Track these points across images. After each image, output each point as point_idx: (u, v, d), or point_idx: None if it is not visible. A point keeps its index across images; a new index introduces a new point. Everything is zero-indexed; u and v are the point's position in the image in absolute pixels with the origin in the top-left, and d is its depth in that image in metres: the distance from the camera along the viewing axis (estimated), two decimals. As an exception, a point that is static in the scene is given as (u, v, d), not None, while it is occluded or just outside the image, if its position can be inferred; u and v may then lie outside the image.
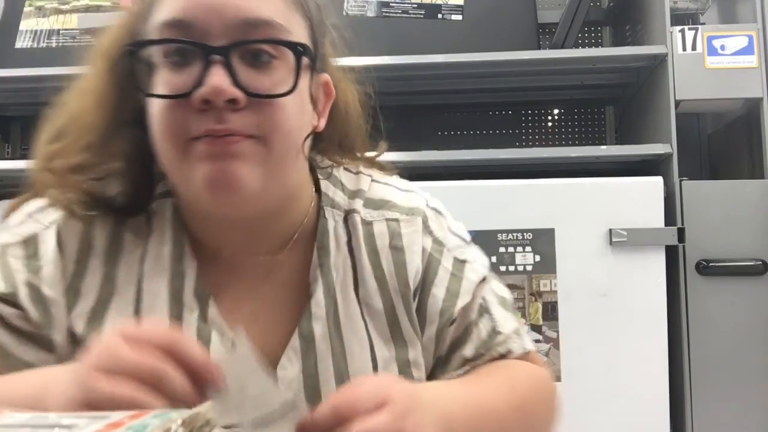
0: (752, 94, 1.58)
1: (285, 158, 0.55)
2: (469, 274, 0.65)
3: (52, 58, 1.94)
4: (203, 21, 0.51)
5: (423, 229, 0.65)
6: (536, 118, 2.19)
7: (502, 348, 0.64)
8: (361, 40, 0.84)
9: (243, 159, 0.51)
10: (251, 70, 0.52)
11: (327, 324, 0.59)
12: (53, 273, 0.56)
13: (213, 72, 0.50)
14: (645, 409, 1.47)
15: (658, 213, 1.51)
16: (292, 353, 0.57)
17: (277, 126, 0.53)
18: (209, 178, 0.51)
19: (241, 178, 0.51)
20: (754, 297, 1.50)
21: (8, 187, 1.88)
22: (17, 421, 0.36)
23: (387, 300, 0.61)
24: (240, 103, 0.51)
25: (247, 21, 0.52)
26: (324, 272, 0.60)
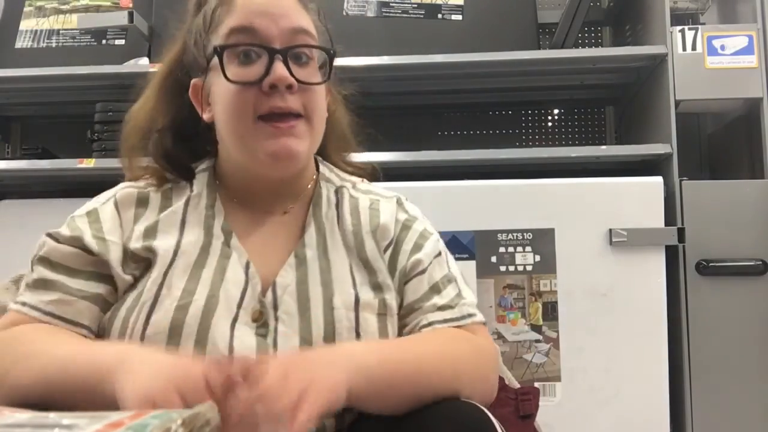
0: (752, 94, 1.58)
1: (319, 132, 0.77)
2: (430, 245, 0.81)
3: (52, 58, 1.94)
4: (266, 27, 0.72)
5: (398, 207, 0.84)
6: (536, 118, 2.20)
7: (466, 309, 0.78)
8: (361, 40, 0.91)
9: (297, 137, 0.73)
10: (296, 66, 0.73)
11: (317, 251, 0.77)
12: (111, 225, 0.75)
13: (276, 66, 0.71)
14: (645, 409, 1.47)
15: (658, 213, 1.51)
16: (289, 267, 0.75)
17: (315, 106, 0.74)
18: (277, 152, 0.72)
19: (297, 151, 0.73)
20: (754, 297, 1.50)
21: (8, 186, 1.88)
22: (18, 421, 0.36)
23: (359, 238, 0.79)
24: (294, 88, 0.72)
25: (295, 29, 0.73)
26: (316, 219, 0.79)
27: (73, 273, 0.73)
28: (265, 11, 0.73)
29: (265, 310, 0.71)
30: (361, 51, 1.70)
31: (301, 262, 0.75)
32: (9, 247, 1.65)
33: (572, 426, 1.48)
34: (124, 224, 0.76)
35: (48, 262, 0.73)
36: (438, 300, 0.77)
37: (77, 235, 0.73)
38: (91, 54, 1.98)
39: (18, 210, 1.65)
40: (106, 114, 1.73)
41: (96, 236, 0.74)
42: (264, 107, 0.71)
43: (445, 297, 0.77)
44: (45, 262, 0.73)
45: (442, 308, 0.77)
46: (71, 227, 0.75)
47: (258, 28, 0.72)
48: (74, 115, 1.97)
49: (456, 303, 0.78)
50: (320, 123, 0.76)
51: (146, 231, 0.75)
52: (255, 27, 0.72)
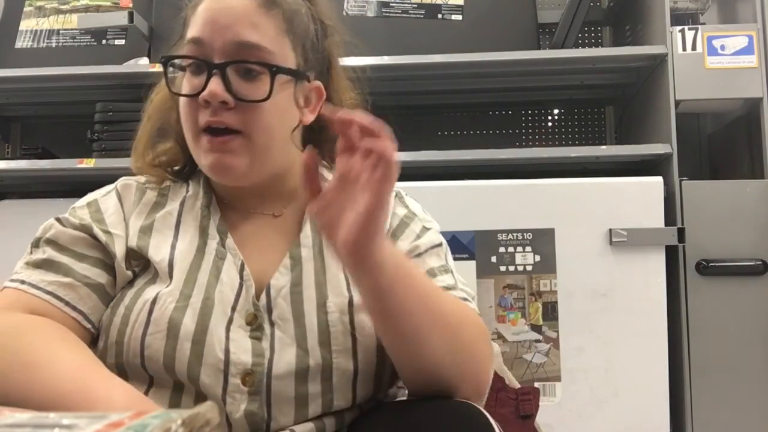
0: (752, 94, 1.58)
1: (268, 147, 0.73)
2: (430, 236, 0.80)
3: (52, 58, 1.94)
4: (210, 40, 0.71)
5: (397, 200, 0.82)
6: (536, 118, 2.20)
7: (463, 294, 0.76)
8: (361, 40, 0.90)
9: (232, 153, 0.71)
10: (243, 81, 0.70)
11: (312, 250, 0.76)
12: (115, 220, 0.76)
13: (212, 81, 0.69)
14: (645, 409, 1.47)
15: (658, 213, 1.51)
16: (284, 268, 0.74)
17: (257, 123, 0.71)
18: (210, 165, 0.72)
19: (231, 166, 0.71)
20: (754, 297, 1.50)
21: (8, 186, 1.88)
22: (17, 421, 0.36)
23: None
24: (230, 104, 0.69)
25: (241, 44, 0.70)
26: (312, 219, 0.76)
27: (81, 257, 0.72)
28: (213, 21, 0.71)
29: (259, 314, 0.70)
30: (361, 51, 1.70)
31: (296, 263, 0.74)
32: (9, 247, 1.65)
33: (572, 426, 1.48)
34: (126, 216, 0.77)
35: (55, 244, 0.73)
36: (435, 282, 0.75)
37: (85, 223, 0.74)
38: (91, 54, 1.98)
39: (18, 210, 1.66)
40: (106, 114, 1.73)
41: (101, 229, 0.74)
42: (202, 121, 0.71)
43: (440, 282, 0.76)
44: (52, 244, 0.73)
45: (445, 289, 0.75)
46: (74, 216, 0.76)
47: (204, 39, 0.71)
48: (74, 115, 1.97)
49: (452, 288, 0.76)
50: (268, 140, 0.72)
51: (142, 229, 0.75)
52: (202, 39, 0.71)
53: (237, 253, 0.74)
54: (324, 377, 0.68)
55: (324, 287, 0.73)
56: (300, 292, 0.72)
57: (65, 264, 0.71)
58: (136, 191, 0.79)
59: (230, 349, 0.67)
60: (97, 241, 0.73)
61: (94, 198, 0.79)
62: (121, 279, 0.73)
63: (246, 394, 0.66)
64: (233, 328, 0.69)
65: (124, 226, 0.75)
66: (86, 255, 0.73)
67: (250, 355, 0.67)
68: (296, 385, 0.67)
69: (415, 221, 0.81)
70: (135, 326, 0.68)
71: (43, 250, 0.73)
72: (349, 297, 0.72)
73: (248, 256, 0.75)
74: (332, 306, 0.71)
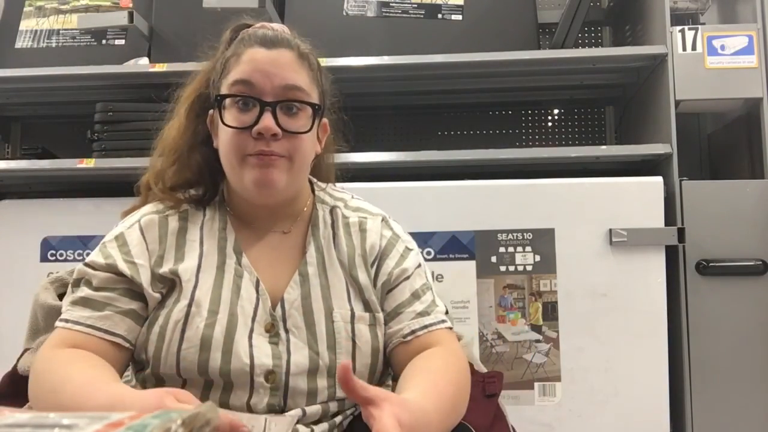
0: (752, 94, 1.58)
1: (300, 170, 0.88)
2: (412, 258, 0.94)
3: (52, 58, 1.94)
4: (261, 83, 0.85)
5: (383, 224, 0.96)
6: (536, 118, 2.20)
7: (439, 316, 0.90)
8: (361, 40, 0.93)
9: (278, 169, 0.84)
10: (286, 116, 0.86)
11: (317, 268, 0.90)
12: (138, 250, 0.87)
13: (265, 117, 0.84)
14: (645, 409, 1.47)
15: (658, 213, 1.51)
16: (294, 284, 0.88)
17: (298, 150, 0.86)
18: (256, 179, 0.84)
19: (275, 180, 0.84)
20: (754, 297, 1.50)
21: (8, 186, 1.88)
22: (18, 421, 0.36)
23: (352, 258, 0.91)
24: (278, 136, 0.84)
25: (287, 86, 0.86)
26: (315, 239, 0.92)
27: (112, 290, 0.84)
28: (263, 69, 0.85)
29: (276, 322, 0.85)
30: (361, 51, 1.70)
31: (304, 279, 0.88)
32: (9, 247, 1.65)
33: (572, 426, 1.48)
34: (150, 248, 0.87)
35: (89, 284, 0.85)
36: (418, 306, 0.89)
37: (111, 263, 0.85)
38: (91, 54, 1.98)
39: (18, 210, 1.66)
40: (106, 114, 1.73)
41: (126, 260, 0.85)
42: (252, 149, 0.84)
43: (424, 303, 0.90)
44: (88, 284, 0.85)
45: (421, 314, 0.89)
46: (104, 254, 0.87)
47: (255, 82, 0.85)
48: (74, 115, 1.97)
49: (432, 309, 0.90)
50: (303, 164, 0.88)
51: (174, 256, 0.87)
52: (252, 81, 0.85)
53: (252, 271, 0.88)
54: (330, 374, 0.83)
55: (329, 300, 0.87)
56: (309, 303, 0.86)
57: (100, 300, 0.83)
58: (159, 226, 0.89)
59: (254, 354, 0.81)
60: (123, 276, 0.84)
61: (121, 231, 0.89)
62: (151, 301, 0.85)
63: (268, 390, 0.81)
64: (254, 336, 0.83)
65: (147, 256, 0.86)
66: (116, 288, 0.84)
67: (270, 358, 0.82)
68: (308, 381, 0.82)
69: (399, 242, 0.94)
70: (171, 343, 0.81)
71: (82, 290, 0.85)
72: (351, 310, 0.87)
73: (262, 271, 0.88)
74: (338, 316, 0.86)
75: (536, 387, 1.50)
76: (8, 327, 1.55)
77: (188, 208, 0.92)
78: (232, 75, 0.86)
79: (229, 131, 0.85)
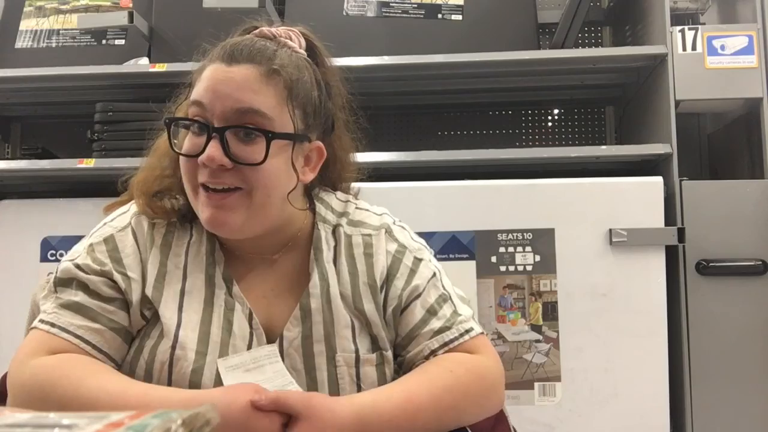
0: (752, 94, 1.58)
1: (265, 205, 0.76)
2: (423, 268, 0.85)
3: (52, 58, 1.94)
4: (212, 105, 0.74)
5: (388, 237, 0.86)
6: (536, 118, 2.20)
7: (464, 326, 0.82)
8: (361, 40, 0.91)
9: (230, 209, 0.75)
10: (240, 143, 0.74)
11: (320, 300, 0.80)
12: (132, 261, 0.79)
13: (211, 145, 0.73)
14: (645, 409, 1.47)
15: (658, 213, 1.51)
16: (294, 320, 0.79)
17: (256, 183, 0.75)
18: (208, 219, 0.75)
19: (227, 222, 0.75)
20: (754, 297, 1.50)
21: (8, 186, 1.88)
22: (18, 421, 0.36)
23: (356, 287, 0.82)
24: (227, 166, 0.73)
25: (240, 110, 0.74)
26: (319, 265, 0.82)
27: (107, 301, 0.77)
28: (215, 89, 0.75)
29: None
30: (361, 51, 1.70)
31: (305, 314, 0.80)
32: (9, 247, 1.65)
33: (572, 426, 1.48)
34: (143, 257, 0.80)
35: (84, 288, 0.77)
36: (435, 323, 0.81)
37: (106, 270, 0.78)
38: (91, 54, 1.98)
39: (18, 210, 1.65)
40: (106, 114, 1.72)
41: (119, 271, 0.78)
42: (201, 179, 0.75)
43: (441, 318, 0.82)
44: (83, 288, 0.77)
45: (440, 331, 0.81)
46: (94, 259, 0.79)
47: (206, 104, 0.75)
48: (74, 115, 1.97)
49: (452, 322, 0.82)
50: (265, 196, 0.76)
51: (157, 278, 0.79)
52: (204, 103, 0.75)
53: (244, 302, 0.80)
54: None
55: (333, 340, 0.79)
56: (311, 345, 0.79)
57: (93, 309, 0.77)
58: (148, 229, 0.82)
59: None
60: (118, 286, 0.78)
61: (111, 233, 0.81)
62: (135, 323, 0.78)
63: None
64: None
65: (140, 270, 0.79)
66: (111, 298, 0.78)
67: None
68: None
69: (406, 255, 0.85)
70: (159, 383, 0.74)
71: (75, 293, 0.77)
72: (356, 351, 0.79)
73: (255, 302, 0.80)
74: (341, 360, 0.78)
75: (536, 387, 1.50)
76: (8, 327, 1.55)
77: (175, 221, 0.84)
78: (193, 94, 0.77)
79: (182, 158, 0.77)
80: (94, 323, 0.76)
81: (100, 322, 0.76)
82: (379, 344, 0.81)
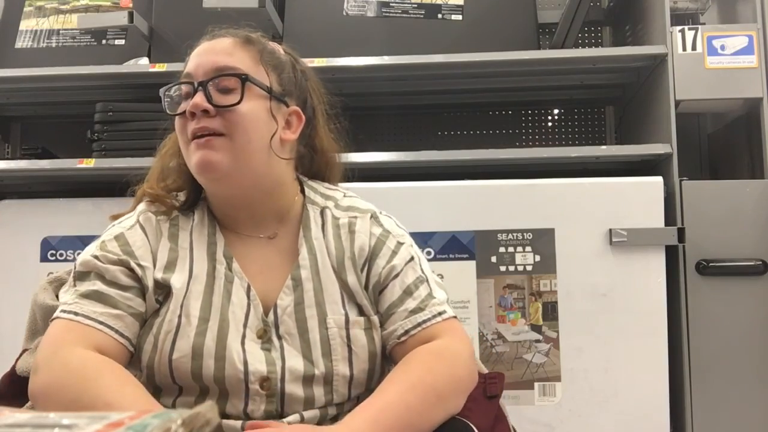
0: (752, 94, 1.58)
1: (246, 148, 0.84)
2: (403, 252, 0.91)
3: (52, 58, 1.94)
4: (195, 70, 0.86)
5: (372, 221, 0.92)
6: (536, 118, 2.20)
7: (437, 309, 0.87)
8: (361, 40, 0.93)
9: (215, 150, 0.83)
10: (221, 95, 0.84)
11: (310, 271, 0.87)
12: (143, 252, 0.86)
13: (195, 96, 0.84)
14: (645, 409, 1.47)
15: (658, 213, 1.51)
16: (287, 289, 0.86)
17: (236, 125, 0.84)
18: (197, 162, 0.83)
19: (214, 162, 0.83)
20: (754, 297, 1.50)
21: (8, 186, 1.88)
22: (18, 421, 0.36)
23: (340, 263, 0.89)
24: (211, 112, 0.83)
25: (218, 68, 0.85)
26: (307, 241, 0.90)
27: (124, 289, 0.83)
28: (198, 57, 0.87)
29: (269, 329, 0.83)
30: (361, 51, 1.70)
31: (297, 284, 0.86)
32: (9, 247, 1.65)
33: (572, 426, 1.48)
34: (153, 248, 0.87)
35: (102, 278, 0.83)
36: (410, 303, 0.86)
37: (123, 259, 0.84)
38: (91, 54, 1.98)
39: (18, 210, 1.66)
40: (106, 114, 1.72)
41: (135, 262, 0.84)
42: (190, 128, 0.84)
43: (416, 299, 0.87)
44: (99, 278, 0.83)
45: (414, 311, 0.86)
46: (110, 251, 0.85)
47: (191, 71, 0.86)
48: (74, 115, 1.97)
49: (426, 304, 0.87)
50: (247, 142, 0.84)
51: (168, 264, 0.86)
52: (191, 72, 0.86)
53: (243, 276, 0.86)
54: (326, 381, 0.82)
55: (323, 305, 0.85)
56: (302, 310, 0.84)
57: (112, 297, 0.82)
58: (156, 224, 0.89)
59: (248, 360, 0.80)
60: (135, 274, 0.83)
61: (120, 231, 0.88)
62: (149, 307, 0.84)
63: (264, 397, 0.80)
64: (247, 342, 0.81)
65: (151, 259, 0.86)
66: (129, 286, 0.83)
67: (264, 365, 0.80)
68: (304, 388, 0.81)
69: (389, 238, 0.91)
70: (162, 353, 0.80)
71: (93, 282, 0.83)
72: (345, 314, 0.85)
73: (252, 277, 0.86)
74: (332, 322, 0.84)
75: (536, 387, 1.50)
76: (8, 327, 1.55)
77: (178, 215, 0.91)
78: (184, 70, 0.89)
79: (176, 120, 0.86)
80: (115, 309, 0.81)
81: (120, 308, 0.81)
82: (364, 311, 0.87)
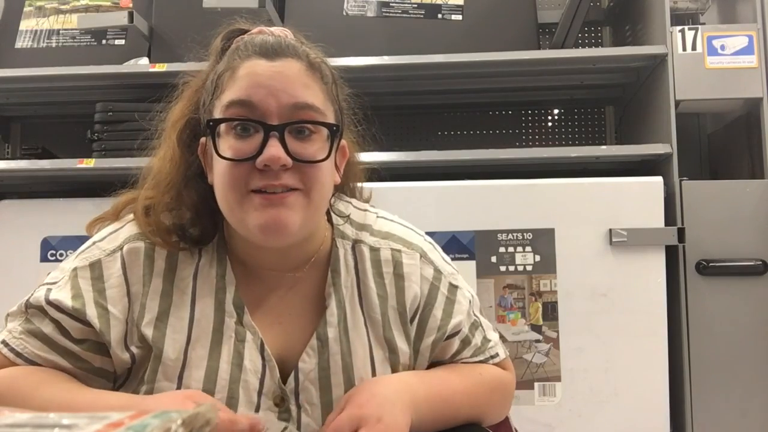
0: (752, 94, 1.58)
1: (319, 206, 0.72)
2: (461, 298, 0.82)
3: (52, 58, 1.94)
4: (264, 102, 0.69)
5: (423, 260, 0.80)
6: (536, 118, 2.20)
7: (492, 351, 0.84)
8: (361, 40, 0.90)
9: (290, 208, 0.68)
10: (297, 141, 0.69)
11: (338, 328, 0.75)
12: (116, 293, 0.72)
13: (270, 144, 0.67)
14: (645, 409, 1.47)
15: (658, 213, 1.51)
16: (311, 350, 0.74)
17: (315, 182, 0.70)
18: (265, 223, 0.68)
19: (288, 223, 0.68)
20: (754, 297, 1.50)
21: (8, 186, 1.88)
22: (18, 421, 0.36)
23: (385, 314, 0.77)
24: (289, 166, 0.68)
25: (296, 105, 0.69)
26: (336, 289, 0.76)
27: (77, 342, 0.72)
28: (265, 85, 0.69)
29: (287, 396, 0.72)
30: (361, 51, 1.70)
31: (323, 345, 0.74)
32: (9, 247, 1.65)
33: (572, 426, 1.48)
34: (132, 290, 0.73)
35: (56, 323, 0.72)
36: (467, 352, 0.83)
37: (78, 307, 0.71)
38: (91, 54, 1.98)
39: (18, 210, 1.65)
40: (106, 114, 1.72)
41: (98, 304, 0.72)
42: (257, 183, 0.68)
43: (473, 347, 0.83)
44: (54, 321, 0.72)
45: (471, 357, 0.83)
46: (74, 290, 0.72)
47: (256, 102, 0.69)
48: (74, 115, 1.97)
49: (482, 349, 0.84)
50: (321, 196, 0.72)
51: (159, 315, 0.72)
52: (253, 101, 0.69)
53: (256, 331, 0.73)
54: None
55: (351, 371, 0.74)
56: (328, 377, 0.74)
57: (61, 347, 0.72)
58: (144, 261, 0.74)
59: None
60: (91, 327, 0.71)
61: (98, 258, 0.74)
62: (118, 362, 0.72)
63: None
64: (261, 412, 0.71)
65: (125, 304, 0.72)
66: (82, 340, 0.72)
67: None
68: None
69: (442, 281, 0.81)
70: None
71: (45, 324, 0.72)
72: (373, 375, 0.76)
73: (269, 327, 0.75)
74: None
75: (536, 387, 1.50)
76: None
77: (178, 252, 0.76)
78: (227, 95, 0.71)
79: (226, 164, 0.69)
80: (62, 361, 0.72)
81: (68, 361, 0.72)
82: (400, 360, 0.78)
